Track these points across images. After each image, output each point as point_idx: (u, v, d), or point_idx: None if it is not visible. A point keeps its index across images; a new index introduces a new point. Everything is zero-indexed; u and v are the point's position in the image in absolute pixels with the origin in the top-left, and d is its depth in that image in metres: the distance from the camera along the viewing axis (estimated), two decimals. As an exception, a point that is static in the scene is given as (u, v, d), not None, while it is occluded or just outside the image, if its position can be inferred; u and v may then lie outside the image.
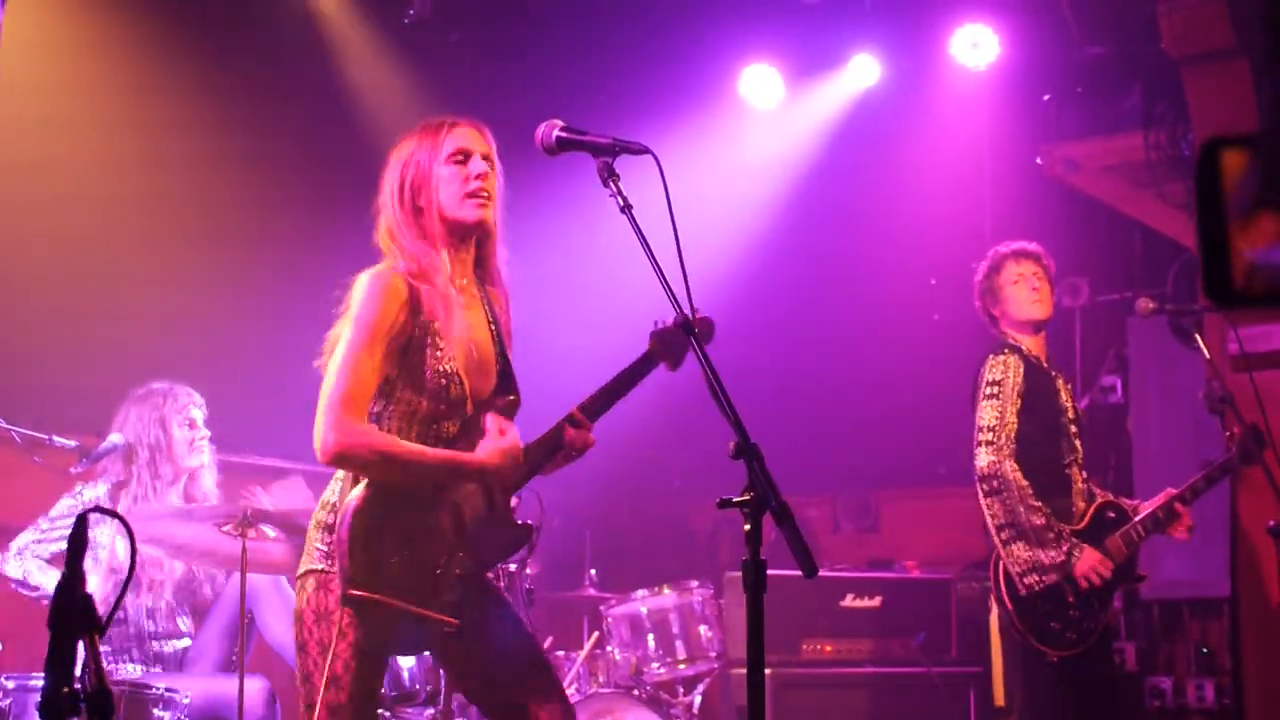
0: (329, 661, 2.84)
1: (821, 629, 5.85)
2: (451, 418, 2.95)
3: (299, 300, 6.01)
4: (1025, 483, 4.45)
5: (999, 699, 6.32)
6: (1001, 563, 4.50)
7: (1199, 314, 5.56)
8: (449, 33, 6.56)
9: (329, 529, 2.90)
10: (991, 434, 4.51)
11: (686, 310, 2.60)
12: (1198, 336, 4.97)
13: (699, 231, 2.99)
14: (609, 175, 2.67)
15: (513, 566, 4.73)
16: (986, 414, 4.54)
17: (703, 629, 5.36)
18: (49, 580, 4.50)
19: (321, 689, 2.84)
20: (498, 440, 2.92)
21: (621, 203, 2.64)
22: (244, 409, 5.66)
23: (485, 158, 2.99)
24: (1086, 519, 4.59)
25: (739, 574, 2.35)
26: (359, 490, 2.84)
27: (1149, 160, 6.07)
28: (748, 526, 2.34)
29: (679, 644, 5.33)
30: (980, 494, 4.51)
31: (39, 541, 4.54)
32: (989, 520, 4.49)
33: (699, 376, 2.49)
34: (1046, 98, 6.61)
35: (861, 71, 7.09)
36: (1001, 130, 7.04)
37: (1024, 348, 4.66)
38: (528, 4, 6.53)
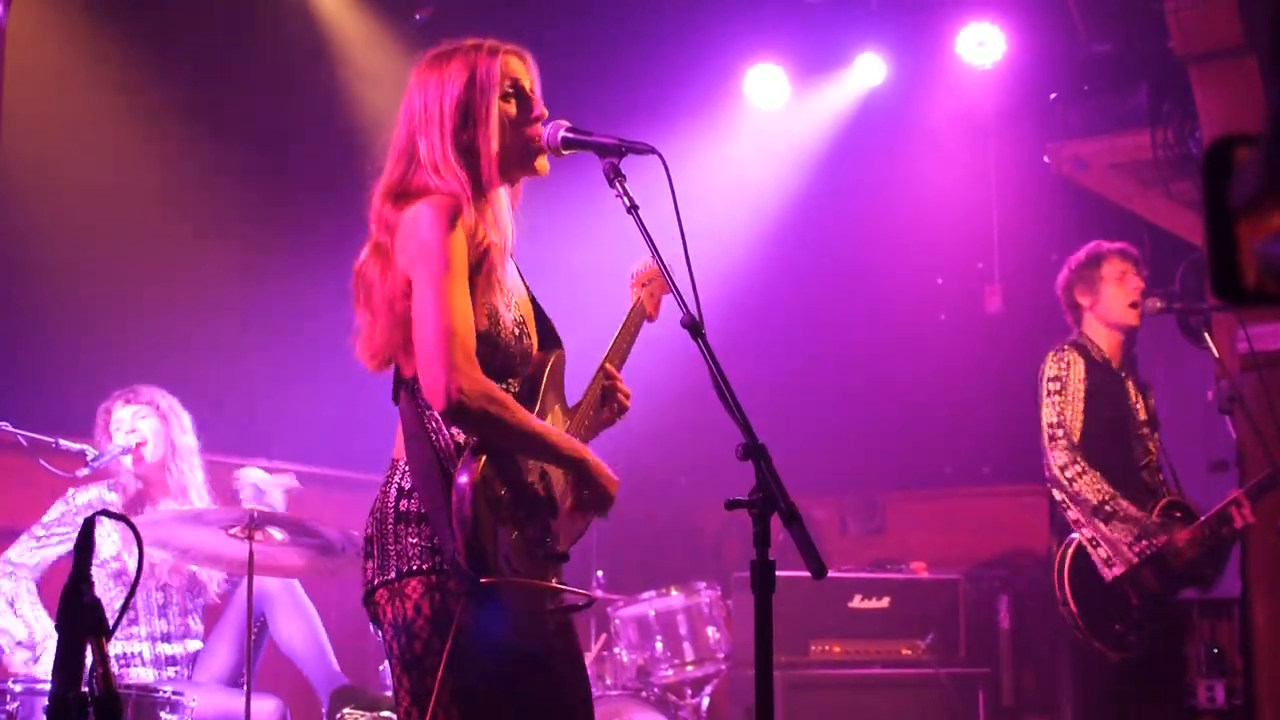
0: (459, 675, 2.50)
1: (830, 630, 5.84)
2: (515, 373, 2.65)
3: (303, 302, 6.05)
4: (1100, 477, 4.43)
5: (1007, 698, 6.31)
6: (1068, 560, 4.44)
7: (1207, 313, 5.53)
8: (455, 33, 6.56)
9: (422, 520, 2.55)
10: (1062, 430, 4.48)
11: (693, 310, 2.58)
12: (1206, 335, 4.95)
13: (705, 232, 2.98)
14: (615, 175, 2.63)
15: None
16: (1049, 411, 4.52)
17: (710, 630, 5.35)
18: (18, 624, 4.40)
19: (452, 704, 2.50)
20: (605, 466, 2.67)
21: (628, 203, 2.63)
22: (246, 412, 5.66)
23: (533, 91, 2.74)
24: (1154, 516, 4.54)
25: (747, 575, 2.34)
26: (474, 464, 2.49)
27: (1156, 158, 6.05)
28: (756, 527, 2.33)
29: (687, 645, 5.32)
30: (1060, 488, 4.45)
31: (35, 549, 4.51)
32: (1077, 511, 4.42)
33: (705, 377, 2.48)
34: (1053, 96, 6.59)
35: (867, 70, 7.08)
36: (1008, 129, 7.03)
37: (1093, 345, 4.63)
38: (533, 4, 6.53)
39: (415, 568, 2.55)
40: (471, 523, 2.45)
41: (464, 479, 2.47)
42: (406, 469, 2.60)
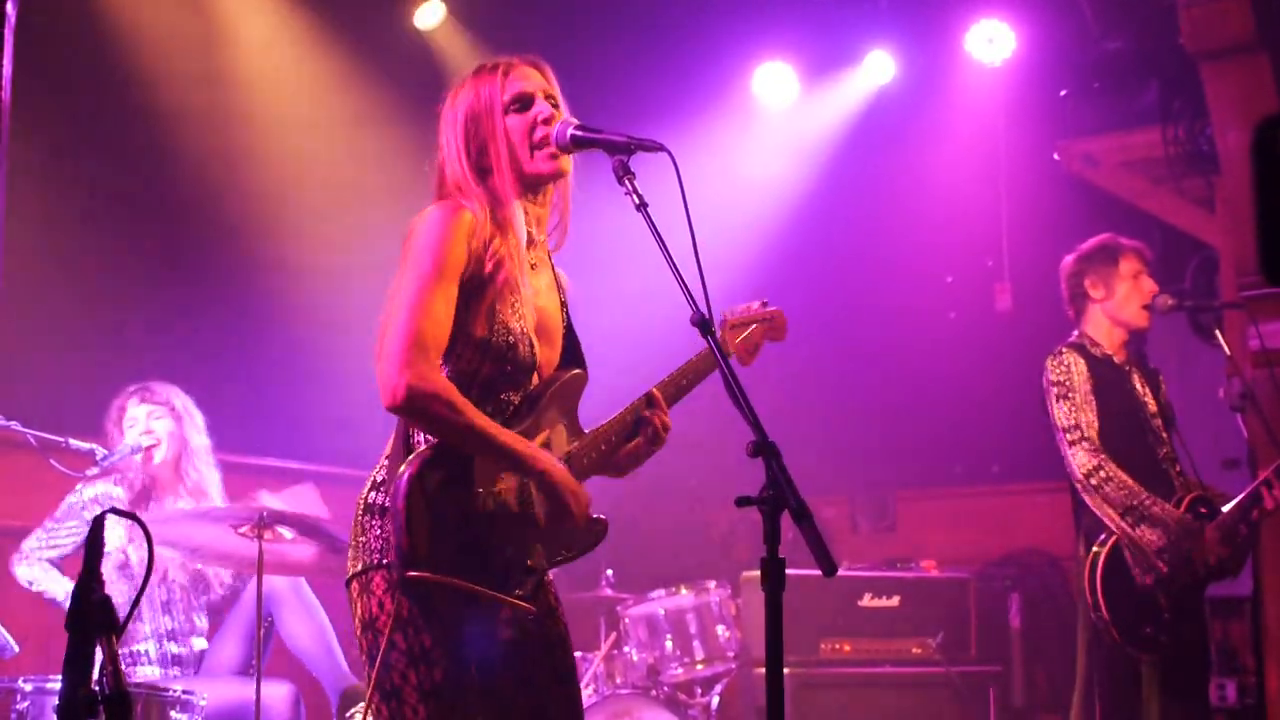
0: (427, 670, 2.52)
1: (840, 629, 5.83)
2: (516, 385, 2.66)
3: (313, 298, 6.06)
4: (1126, 476, 4.36)
5: (1018, 698, 6.29)
6: (1099, 565, 4.38)
7: (1218, 310, 5.52)
8: (466, 32, 6.56)
9: (384, 513, 2.57)
10: (1078, 432, 4.40)
11: (703, 308, 2.57)
12: (1217, 333, 4.92)
13: (714, 229, 2.96)
14: (624, 173, 2.63)
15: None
16: (1063, 415, 4.43)
17: (720, 629, 5.34)
18: (58, 587, 4.50)
19: (420, 704, 2.52)
20: (574, 483, 2.65)
21: (637, 201, 2.62)
22: (254, 409, 5.66)
23: (549, 97, 2.76)
24: (1181, 509, 4.46)
25: (757, 573, 2.33)
26: (417, 461, 2.52)
27: (1167, 155, 6.03)
28: (765, 525, 2.32)
29: (697, 644, 5.31)
30: (1087, 492, 4.36)
31: (47, 546, 4.54)
32: (1105, 513, 4.33)
33: (716, 375, 2.47)
34: (1063, 93, 6.57)
35: (876, 68, 7.07)
36: (1018, 126, 7.01)
37: (1093, 342, 4.57)
38: (541, 4, 6.53)
39: (377, 561, 2.58)
40: (403, 515, 2.48)
41: (405, 474, 2.51)
42: (386, 463, 2.65)
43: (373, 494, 2.64)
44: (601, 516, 2.77)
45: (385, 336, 2.54)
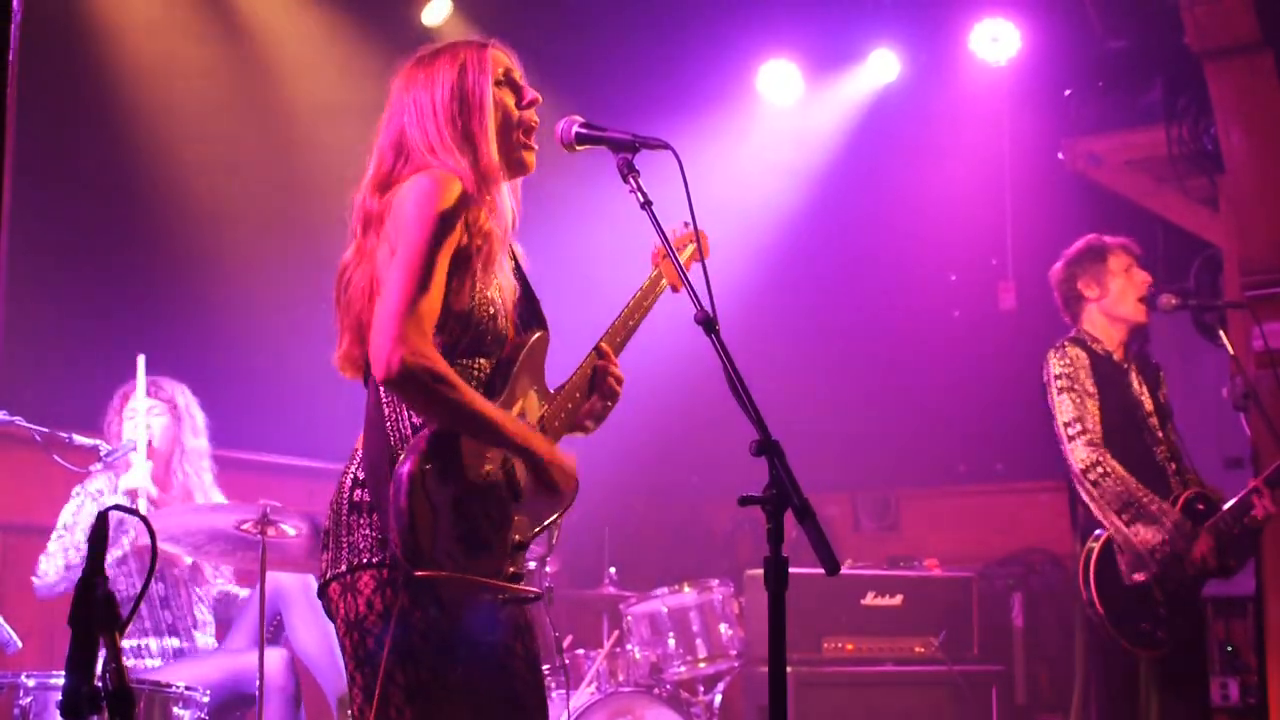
0: (414, 670, 2.47)
1: (843, 627, 5.83)
2: (489, 354, 2.63)
3: (319, 292, 6.05)
4: (1125, 472, 4.35)
5: (1020, 697, 6.29)
6: (1093, 560, 4.38)
7: (1222, 309, 5.52)
8: (466, 31, 6.57)
9: (372, 511, 2.51)
10: (1080, 425, 4.39)
11: (707, 306, 2.57)
12: (1221, 332, 4.92)
13: (717, 228, 2.97)
14: (629, 171, 2.63)
15: (531, 564, 4.71)
16: (1065, 409, 4.42)
17: (723, 627, 5.35)
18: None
19: (407, 705, 2.47)
20: (563, 459, 2.64)
21: (641, 199, 2.62)
22: (258, 405, 5.66)
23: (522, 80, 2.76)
24: (1177, 509, 4.47)
25: (759, 572, 2.33)
26: (415, 454, 2.45)
27: (1171, 155, 6.03)
28: (769, 524, 2.32)
29: (699, 642, 5.32)
30: (1083, 487, 4.36)
31: (72, 547, 4.50)
32: (1101, 509, 4.33)
33: (719, 373, 2.47)
34: (1068, 92, 6.57)
35: (881, 67, 7.07)
36: (1022, 125, 7.01)
37: (1094, 339, 4.57)
38: (546, 1, 6.53)
39: (366, 560, 2.52)
40: (407, 514, 2.41)
41: (404, 469, 2.44)
42: (362, 459, 2.58)
43: (357, 492, 2.56)
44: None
45: (378, 306, 2.48)
